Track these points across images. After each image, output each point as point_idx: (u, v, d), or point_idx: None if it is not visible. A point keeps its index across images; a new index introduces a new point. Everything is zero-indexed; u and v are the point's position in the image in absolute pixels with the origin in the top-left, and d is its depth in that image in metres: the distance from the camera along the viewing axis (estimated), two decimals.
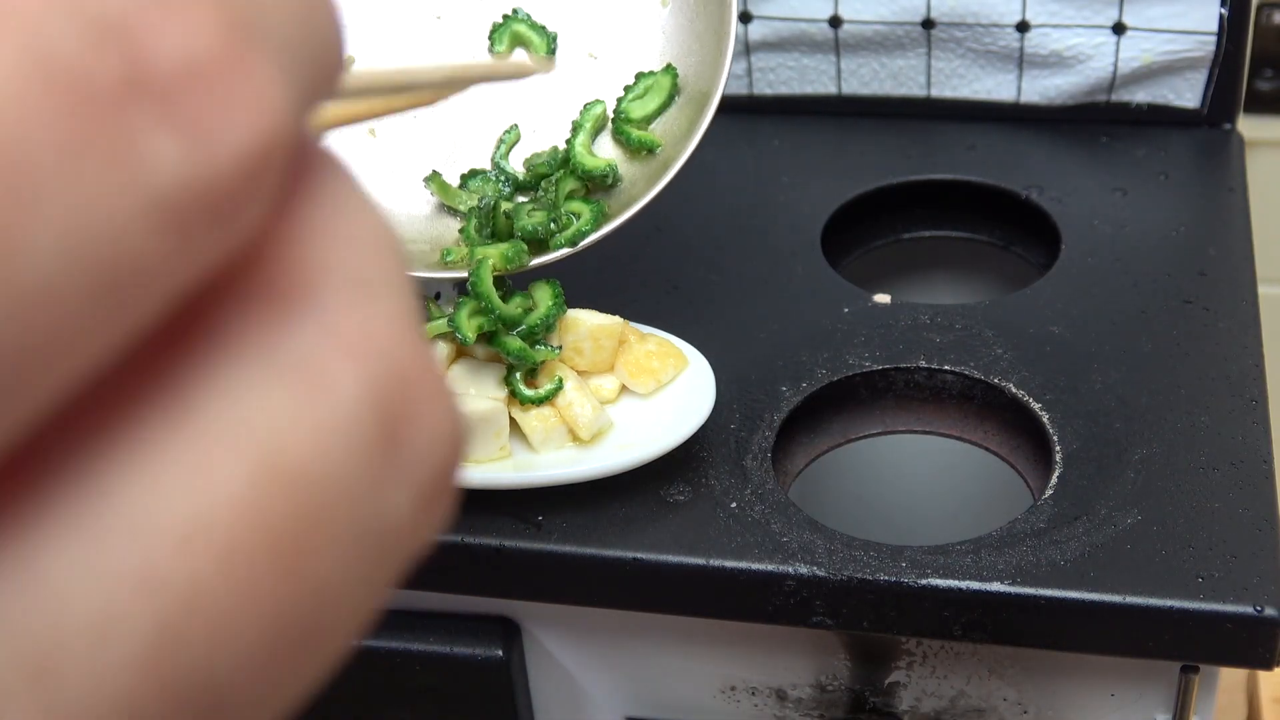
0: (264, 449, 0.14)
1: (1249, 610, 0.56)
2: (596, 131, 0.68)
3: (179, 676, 0.13)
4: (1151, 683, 0.62)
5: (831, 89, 0.90)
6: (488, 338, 0.63)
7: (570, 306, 0.64)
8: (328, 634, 0.15)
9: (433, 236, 0.69)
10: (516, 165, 0.69)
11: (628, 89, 0.68)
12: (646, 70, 0.68)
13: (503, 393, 0.63)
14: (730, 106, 0.91)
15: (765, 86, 0.90)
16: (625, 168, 0.67)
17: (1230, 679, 1.02)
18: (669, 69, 0.68)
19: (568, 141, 0.68)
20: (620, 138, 0.67)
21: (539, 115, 0.70)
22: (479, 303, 0.62)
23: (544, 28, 0.69)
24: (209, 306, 0.14)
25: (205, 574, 0.13)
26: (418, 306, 0.16)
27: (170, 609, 0.13)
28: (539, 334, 0.63)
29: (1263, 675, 1.01)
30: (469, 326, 0.62)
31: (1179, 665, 0.61)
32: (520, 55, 0.68)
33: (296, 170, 0.15)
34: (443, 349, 0.63)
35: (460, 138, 0.70)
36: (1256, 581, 0.57)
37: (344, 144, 0.70)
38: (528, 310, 0.63)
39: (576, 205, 0.65)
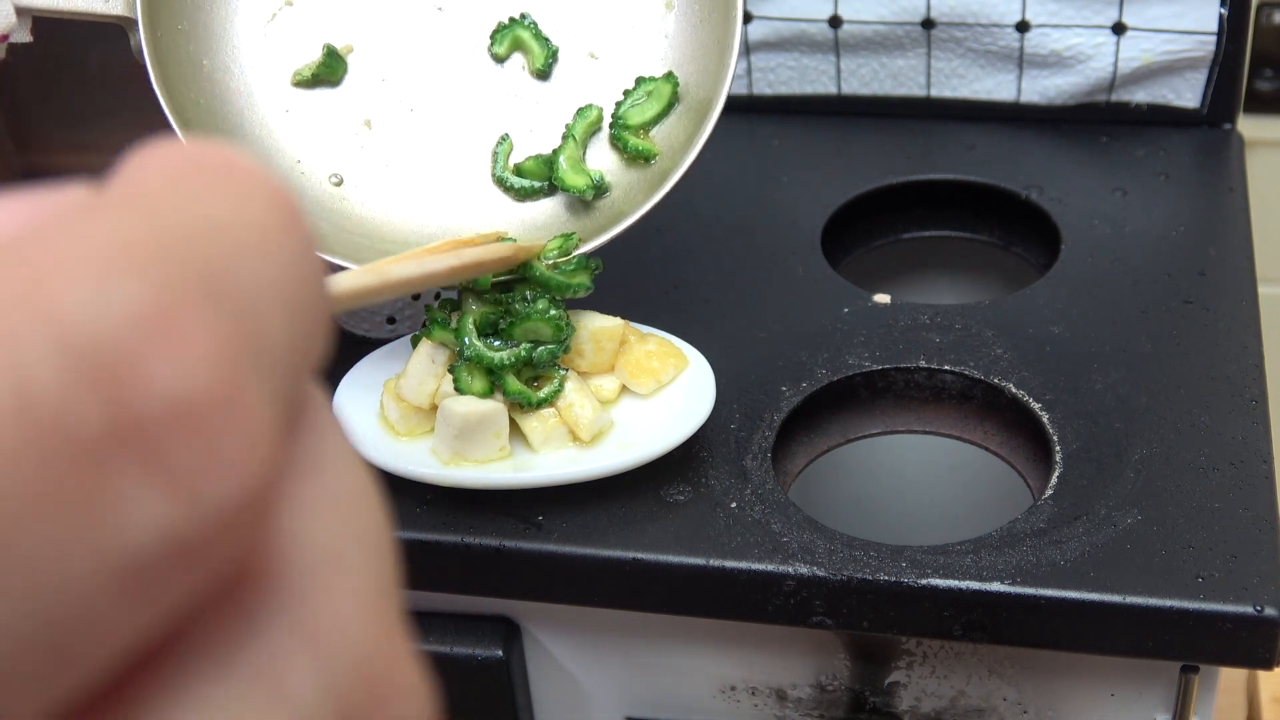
0: None
1: (1249, 610, 0.56)
2: (589, 138, 0.68)
3: None
4: (1151, 683, 0.62)
5: (831, 89, 0.90)
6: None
7: (571, 308, 0.64)
8: None
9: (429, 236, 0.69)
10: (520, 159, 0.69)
11: (627, 93, 0.68)
12: (647, 75, 0.68)
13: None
14: (730, 106, 0.91)
15: (765, 86, 0.90)
16: (622, 175, 0.67)
17: (1230, 679, 1.02)
18: (669, 76, 0.67)
19: (554, 152, 0.67)
20: (617, 144, 0.67)
21: (535, 116, 0.70)
22: (477, 361, 0.62)
23: (547, 40, 0.69)
24: (173, 623, 0.14)
25: None
26: (394, 578, 0.16)
27: None
28: (542, 370, 0.63)
29: (1263, 675, 1.01)
30: (474, 388, 0.62)
31: (1179, 665, 0.61)
32: (498, 245, 0.66)
33: (287, 429, 0.15)
34: (444, 353, 0.63)
35: (455, 147, 0.70)
36: (1256, 581, 0.57)
37: (343, 137, 0.70)
38: (530, 349, 0.62)
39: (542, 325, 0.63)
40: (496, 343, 0.62)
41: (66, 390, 0.12)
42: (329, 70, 0.69)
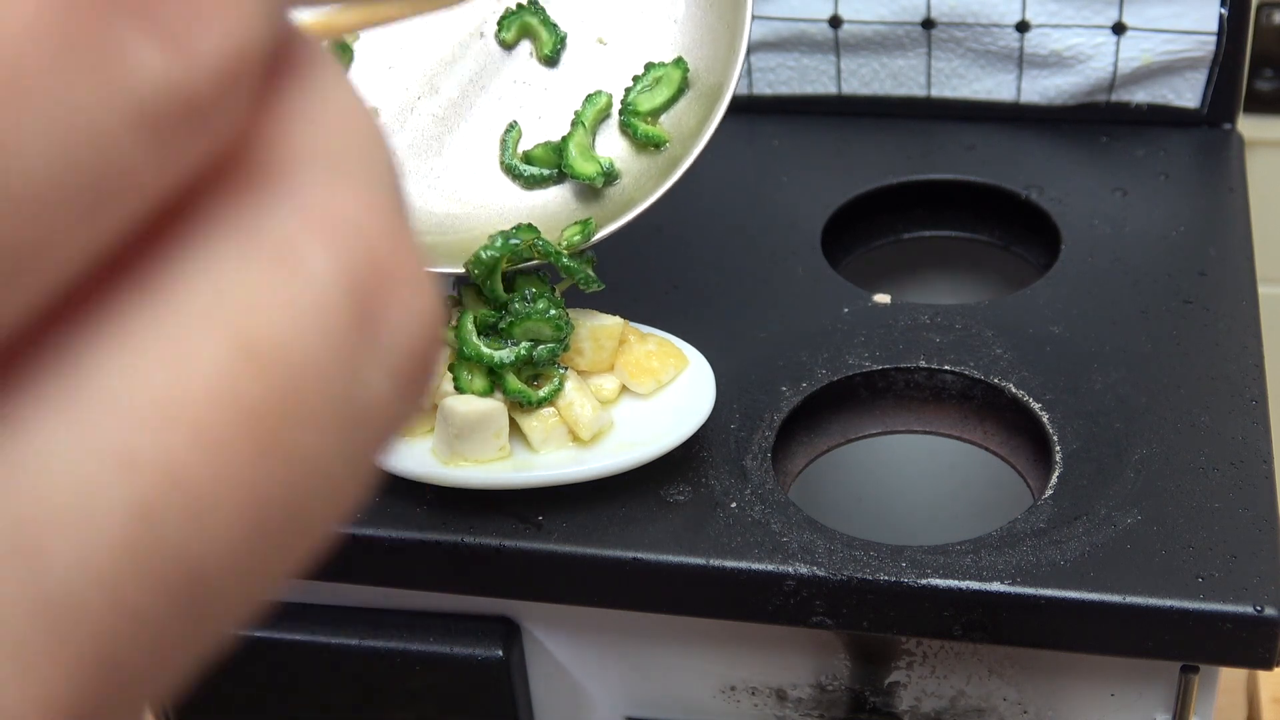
0: (238, 327, 0.14)
1: (1249, 610, 0.56)
2: (598, 124, 0.68)
3: (160, 556, 0.13)
4: (1151, 683, 0.62)
5: (831, 89, 0.90)
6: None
7: (570, 306, 0.64)
8: (310, 514, 0.15)
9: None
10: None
11: (636, 79, 0.67)
12: (656, 61, 0.68)
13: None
14: (730, 106, 0.91)
15: (765, 86, 0.90)
16: (632, 162, 0.67)
17: (1230, 679, 1.02)
18: (679, 62, 0.67)
19: (564, 139, 0.67)
20: (627, 130, 0.67)
21: (543, 102, 0.69)
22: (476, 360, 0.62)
23: (555, 26, 0.69)
24: (185, 194, 0.14)
25: (183, 453, 0.13)
26: (401, 195, 0.16)
27: (149, 488, 0.13)
28: (541, 369, 0.63)
29: (1263, 675, 1.01)
30: (473, 386, 0.62)
31: (1179, 665, 0.61)
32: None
33: (277, 63, 0.15)
34: (445, 353, 0.63)
35: (462, 135, 0.70)
36: (1256, 581, 0.57)
37: None
38: (530, 348, 0.62)
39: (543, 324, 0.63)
40: (496, 342, 0.62)
41: None
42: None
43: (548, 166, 0.67)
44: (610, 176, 0.66)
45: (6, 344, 0.13)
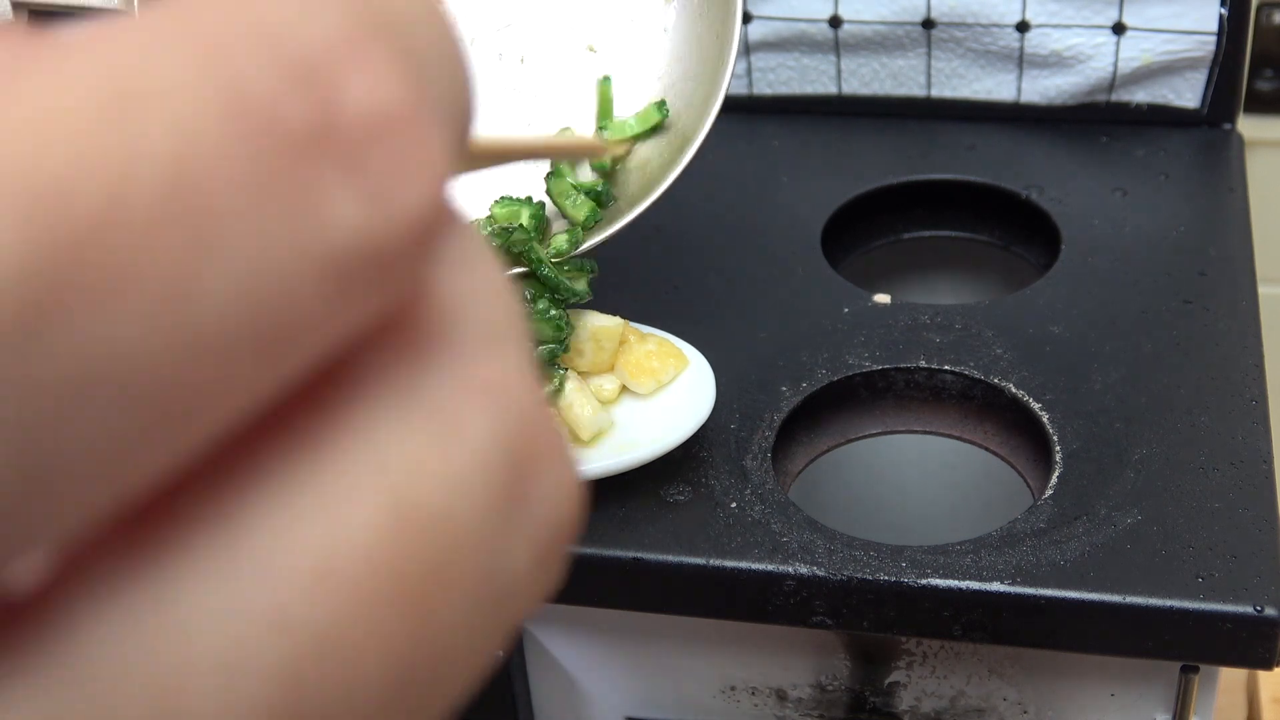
0: (398, 492, 0.14)
1: (1249, 610, 0.56)
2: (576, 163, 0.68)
3: (305, 718, 0.13)
4: (1151, 683, 0.62)
5: (831, 89, 0.90)
6: None
7: (570, 307, 0.64)
8: (446, 682, 0.14)
9: None
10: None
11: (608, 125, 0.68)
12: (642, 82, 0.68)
13: None
14: (730, 106, 0.91)
15: (765, 86, 0.90)
16: (644, 149, 0.67)
17: (1230, 679, 1.02)
18: (661, 105, 0.67)
19: (547, 191, 0.67)
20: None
21: (533, 110, 0.70)
22: None
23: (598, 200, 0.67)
24: (351, 349, 0.14)
25: (336, 616, 0.13)
26: (533, 359, 0.16)
27: (300, 650, 0.13)
28: (541, 370, 0.63)
29: (1263, 675, 1.01)
30: None
31: (1179, 665, 0.61)
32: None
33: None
34: None
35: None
36: (1256, 581, 0.57)
37: None
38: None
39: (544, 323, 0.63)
40: None
41: (276, 92, 0.12)
42: None
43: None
44: (604, 202, 0.66)
45: (164, 490, 0.13)
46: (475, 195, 0.69)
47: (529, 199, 0.65)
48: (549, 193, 0.67)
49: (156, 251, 0.12)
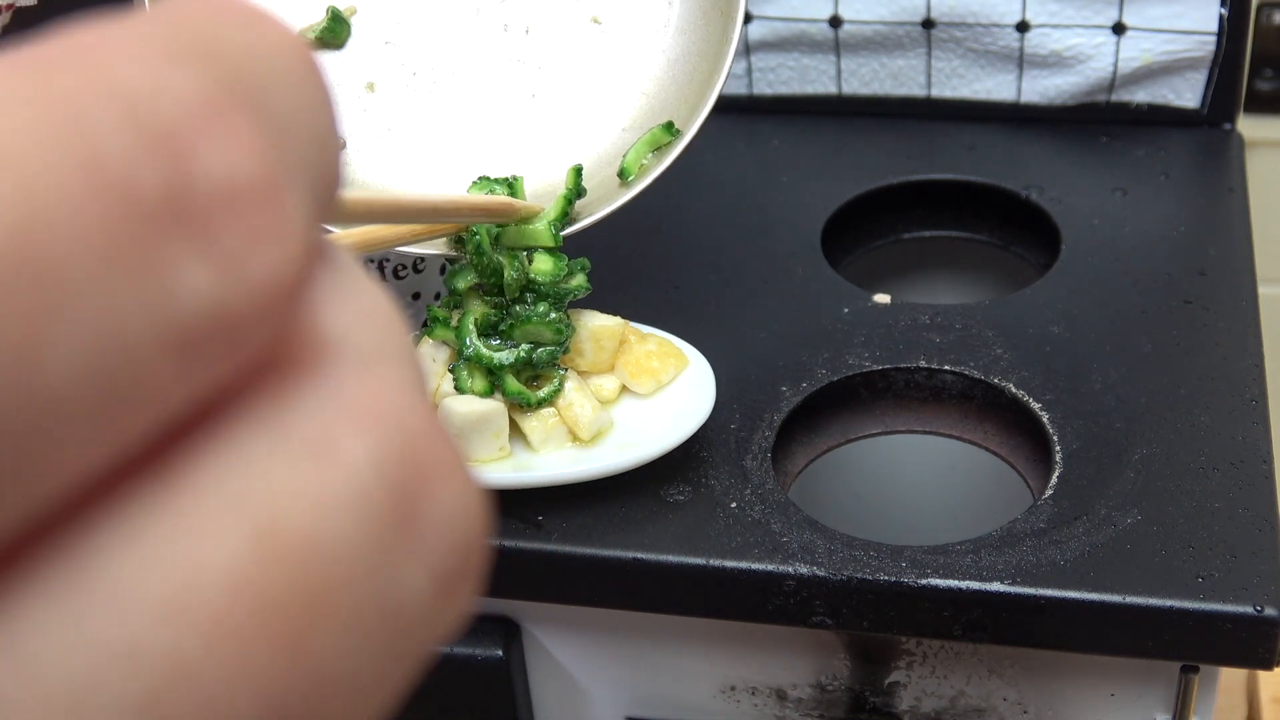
0: (262, 520, 0.13)
1: (1249, 610, 0.56)
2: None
3: None
4: (1151, 683, 0.62)
5: (831, 89, 0.90)
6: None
7: (570, 306, 0.64)
8: (338, 716, 0.14)
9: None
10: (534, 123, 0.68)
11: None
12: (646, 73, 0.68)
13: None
14: (730, 106, 0.91)
15: (765, 86, 0.90)
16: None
17: (1230, 679, 1.02)
18: (669, 126, 0.66)
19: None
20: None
21: (538, 80, 0.70)
22: (477, 360, 0.62)
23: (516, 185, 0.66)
24: (223, 391, 0.14)
25: (195, 646, 0.13)
26: (424, 383, 0.16)
27: (156, 682, 0.12)
28: (541, 371, 0.63)
29: (1263, 675, 1.01)
30: (474, 387, 0.62)
31: (1179, 665, 0.61)
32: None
33: (309, 257, 0.15)
34: (445, 352, 0.63)
35: (457, 111, 0.70)
36: (1256, 581, 0.57)
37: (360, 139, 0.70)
38: (530, 350, 0.62)
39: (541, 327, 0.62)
40: (497, 343, 0.62)
41: (131, 158, 0.12)
42: (332, 33, 0.70)
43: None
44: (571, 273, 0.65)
45: (9, 539, 0.13)
46: (454, 177, 0.69)
47: (507, 179, 0.65)
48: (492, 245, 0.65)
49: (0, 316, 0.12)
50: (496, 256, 0.62)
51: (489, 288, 0.63)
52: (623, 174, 0.66)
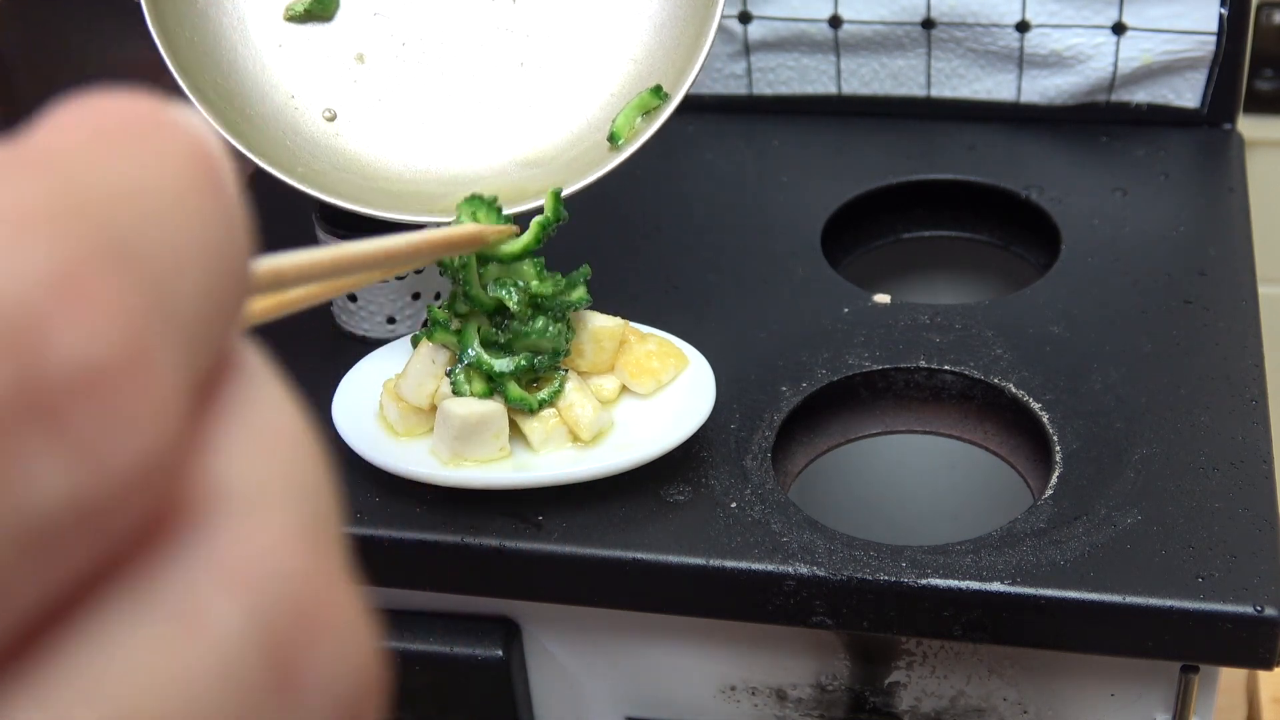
0: (119, 705, 0.12)
1: (1249, 610, 0.56)
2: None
3: None
4: (1151, 683, 0.62)
5: (831, 89, 0.90)
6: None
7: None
8: None
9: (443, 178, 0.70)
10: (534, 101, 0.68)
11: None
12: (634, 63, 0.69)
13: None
14: (730, 106, 0.91)
15: (765, 86, 0.90)
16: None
17: (1230, 679, 1.02)
18: (658, 90, 0.68)
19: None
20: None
21: (525, 49, 0.71)
22: (479, 366, 0.62)
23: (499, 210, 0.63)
24: (90, 566, 0.13)
25: None
26: (331, 516, 0.15)
27: None
28: (542, 373, 0.63)
29: (1263, 675, 1.01)
30: (473, 390, 0.62)
31: (1179, 665, 0.61)
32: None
33: (203, 386, 0.14)
34: (444, 354, 0.63)
35: (446, 81, 0.70)
36: (1256, 581, 0.57)
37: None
38: (530, 358, 0.62)
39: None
40: (497, 352, 0.62)
41: None
42: (322, 5, 0.70)
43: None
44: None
45: None
46: (444, 147, 0.69)
47: (494, 202, 0.62)
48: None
49: None
50: (493, 295, 0.62)
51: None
52: (613, 138, 0.67)
